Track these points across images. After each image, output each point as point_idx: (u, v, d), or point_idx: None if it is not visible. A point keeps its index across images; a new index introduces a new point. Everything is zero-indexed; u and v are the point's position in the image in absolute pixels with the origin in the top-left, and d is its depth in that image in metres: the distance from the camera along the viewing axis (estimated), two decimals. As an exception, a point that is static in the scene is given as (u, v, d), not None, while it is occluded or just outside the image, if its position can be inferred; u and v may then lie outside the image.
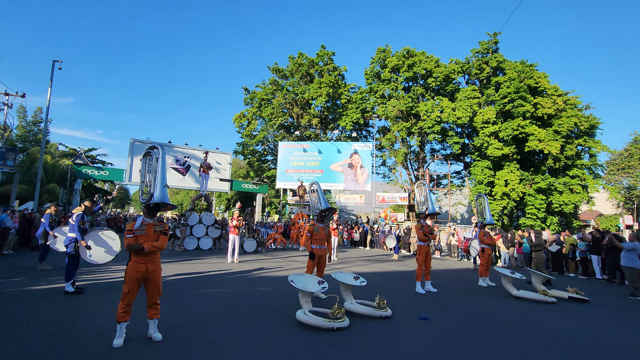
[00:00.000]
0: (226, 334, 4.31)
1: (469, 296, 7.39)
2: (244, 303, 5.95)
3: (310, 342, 4.17)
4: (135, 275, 3.89)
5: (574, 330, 5.10)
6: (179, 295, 6.31)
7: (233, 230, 11.20)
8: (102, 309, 5.13)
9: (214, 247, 15.24)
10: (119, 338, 3.79)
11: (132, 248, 3.89)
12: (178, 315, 5.05)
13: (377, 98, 29.00)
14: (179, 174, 26.17)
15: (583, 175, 24.54)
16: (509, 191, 23.42)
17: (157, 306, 4.07)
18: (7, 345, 3.70)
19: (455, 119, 24.80)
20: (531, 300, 7.05)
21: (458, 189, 30.71)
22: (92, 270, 8.44)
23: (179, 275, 8.34)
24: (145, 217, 4.12)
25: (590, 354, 4.14)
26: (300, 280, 5.40)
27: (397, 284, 8.47)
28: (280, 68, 32.41)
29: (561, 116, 24.20)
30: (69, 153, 31.96)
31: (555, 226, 23.62)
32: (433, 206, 8.06)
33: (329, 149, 28.65)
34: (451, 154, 28.61)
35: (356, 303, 5.61)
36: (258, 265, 10.66)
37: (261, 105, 31.81)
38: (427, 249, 7.61)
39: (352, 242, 20.77)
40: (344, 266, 11.34)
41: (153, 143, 26.60)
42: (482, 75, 26.49)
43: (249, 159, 34.45)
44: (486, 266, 8.77)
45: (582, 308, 6.66)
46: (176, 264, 10.21)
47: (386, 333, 4.65)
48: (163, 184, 4.07)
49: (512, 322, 5.42)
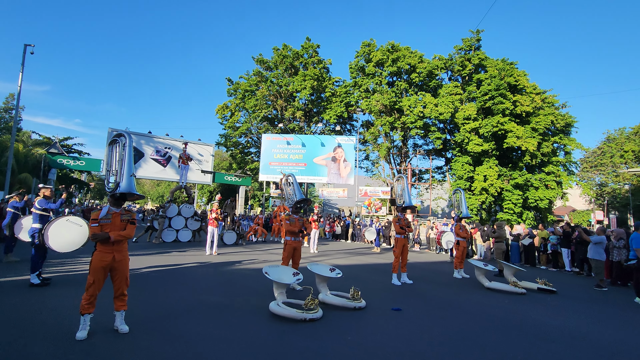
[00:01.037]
0: (196, 327, 4.25)
1: (443, 288, 7.55)
2: (218, 295, 5.89)
3: (281, 334, 4.17)
4: (100, 265, 3.78)
5: (540, 320, 5.28)
6: (151, 287, 6.20)
7: (212, 222, 11.07)
8: (69, 302, 4.98)
9: (194, 239, 15.03)
10: (82, 330, 3.68)
11: (97, 237, 3.77)
12: (148, 307, 4.96)
13: (362, 92, 29.05)
14: (160, 165, 25.56)
15: (558, 172, 25.35)
16: (488, 186, 23.99)
17: (124, 297, 3.97)
18: (-38, 338, 3.54)
19: (438, 115, 25.13)
20: (502, 291, 7.26)
21: (439, 184, 31.25)
22: (60, 262, 8.19)
23: (153, 267, 8.18)
24: (111, 206, 3.99)
25: (552, 342, 4.29)
26: (275, 272, 5.38)
27: (375, 276, 8.56)
28: (265, 59, 31.98)
29: (539, 114, 24.86)
30: (43, 142, 30.74)
31: (530, 221, 24.38)
32: (410, 199, 8.16)
33: (312, 142, 28.55)
34: (433, 149, 29.02)
35: (331, 294, 5.64)
36: (236, 258, 10.58)
37: (245, 97, 31.37)
38: (404, 242, 7.71)
39: (334, 235, 20.88)
40: (324, 258, 11.39)
41: (133, 133, 25.92)
42: (464, 72, 26.89)
43: (232, 151, 34.02)
44: (461, 259, 8.97)
45: (549, 299, 6.90)
46: (152, 256, 10.01)
47: (358, 324, 4.70)
48: (130, 173, 3.95)
49: (482, 313, 5.56)
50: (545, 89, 26.42)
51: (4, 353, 3.27)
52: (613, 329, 5.05)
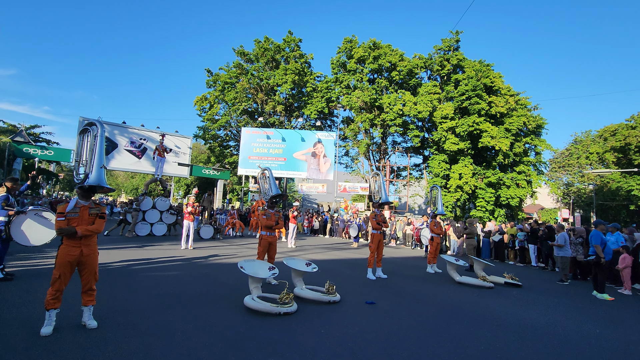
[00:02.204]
0: (168, 321, 4.20)
1: (416, 282, 7.76)
2: (192, 290, 5.82)
3: (255, 328, 4.18)
4: (67, 259, 3.66)
5: (505, 312, 5.53)
6: (122, 282, 6.05)
7: (187, 216, 10.89)
8: (33, 297, 4.80)
9: (169, 233, 14.73)
10: (47, 326, 3.56)
11: (63, 232, 3.64)
12: (119, 302, 4.85)
13: (343, 88, 29.12)
14: (134, 156, 24.76)
15: (528, 171, 26.38)
16: (463, 184, 24.69)
17: (92, 292, 3.87)
18: None
19: (417, 113, 25.56)
20: (471, 285, 7.54)
21: (417, 181, 31.87)
22: (25, 256, 7.86)
23: (126, 262, 7.98)
24: (80, 199, 3.86)
25: (515, 332, 4.51)
26: (250, 266, 5.37)
27: (350, 270, 8.69)
28: (246, 51, 31.47)
29: (512, 115, 25.72)
30: (8, 129, 29.19)
31: (502, 218, 25.31)
32: (386, 196, 8.30)
33: (292, 137, 28.44)
34: (411, 147, 29.53)
35: (306, 289, 5.69)
36: (212, 252, 10.46)
37: (224, 89, 30.81)
38: (379, 237, 7.85)
39: (312, 230, 20.96)
40: (301, 253, 11.44)
41: (105, 122, 24.94)
42: (443, 71, 27.42)
43: (210, 144, 33.41)
44: (434, 254, 9.23)
45: (515, 292, 7.23)
46: (125, 250, 9.76)
47: (333, 317, 4.77)
48: (100, 165, 3.83)
49: (452, 306, 5.77)
50: (518, 91, 27.37)
51: (-39, 350, 3.13)
52: (571, 319, 5.36)
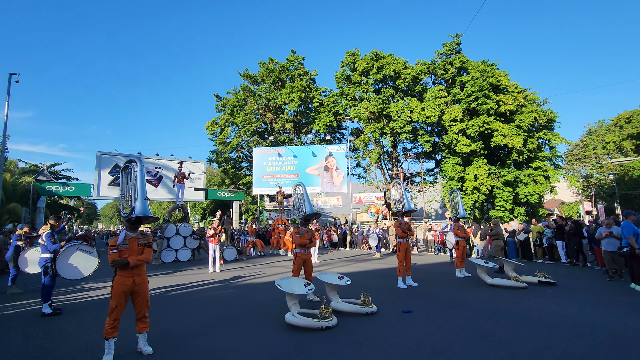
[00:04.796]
0: (216, 342, 4.34)
1: (448, 288, 7.73)
2: (231, 310, 5.96)
3: (300, 343, 4.28)
4: (122, 289, 3.86)
5: (545, 310, 5.49)
6: (165, 308, 6.23)
7: (212, 239, 11.10)
8: (85, 328, 5.00)
9: (193, 258, 14.97)
10: (108, 355, 3.74)
11: (117, 263, 3.86)
12: (166, 327, 5.01)
13: (349, 100, 29.50)
14: (151, 185, 25.48)
15: (545, 167, 26.00)
16: (479, 185, 24.46)
17: (146, 319, 4.04)
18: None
19: (425, 118, 25.66)
20: (505, 286, 7.48)
21: (431, 186, 31.68)
22: (68, 291, 8.14)
23: (161, 289, 8.19)
24: (128, 231, 4.09)
25: (560, 330, 4.49)
26: (287, 283, 5.49)
27: (380, 281, 8.71)
28: (251, 74, 32.29)
29: (522, 112, 25.57)
30: (31, 170, 30.30)
31: (522, 216, 24.88)
32: (409, 204, 8.37)
33: (304, 152, 28.79)
34: (423, 152, 29.50)
35: (342, 302, 5.76)
36: (240, 273, 10.61)
37: (233, 112, 31.54)
38: (406, 245, 7.89)
39: (332, 243, 20.96)
40: (327, 268, 11.49)
41: (122, 155, 25.74)
42: (447, 75, 27.58)
43: (224, 167, 33.99)
44: (461, 258, 9.19)
45: (550, 290, 7.14)
46: (156, 278, 9.98)
47: (373, 328, 4.83)
48: (143, 197, 4.06)
49: (490, 309, 5.75)
50: (525, 87, 27.26)
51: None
52: (614, 314, 5.29)
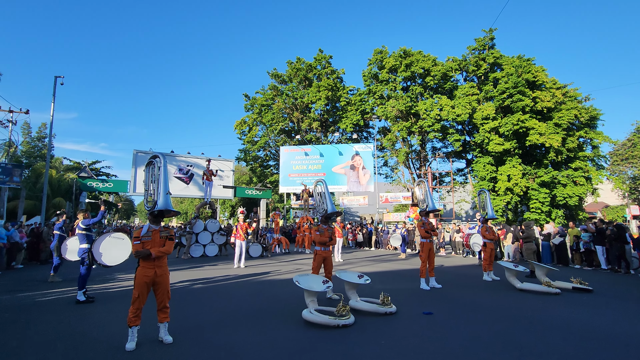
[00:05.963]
0: (235, 336, 4.42)
1: (474, 291, 7.45)
2: (252, 305, 6.06)
3: (316, 340, 4.27)
4: (144, 280, 4.02)
5: (576, 320, 5.16)
6: (188, 300, 6.44)
7: (239, 236, 11.33)
8: (113, 316, 5.26)
9: (220, 253, 15.37)
10: (131, 342, 3.92)
11: (140, 254, 4.02)
12: (188, 319, 5.17)
13: (376, 99, 29.16)
14: (183, 182, 26.37)
15: (586, 167, 24.48)
16: (512, 186, 23.41)
17: (166, 310, 4.19)
18: (24, 355, 3.83)
19: (455, 117, 24.89)
20: (535, 292, 7.10)
21: (461, 186, 30.71)
22: (102, 280, 8.60)
23: (187, 282, 8.47)
24: (151, 224, 4.26)
25: (590, 341, 4.20)
26: (305, 280, 5.50)
27: (402, 281, 8.54)
28: (279, 73, 32.68)
29: (561, 109, 24.20)
30: (74, 167, 32.31)
31: (560, 219, 23.56)
32: (433, 203, 8.15)
33: (330, 151, 28.78)
34: (452, 152, 28.64)
35: (361, 300, 5.71)
36: (264, 270, 10.77)
37: (261, 111, 32.07)
38: (429, 246, 7.69)
39: (357, 243, 20.82)
40: (349, 267, 11.42)
41: (155, 153, 26.87)
42: (479, 71, 26.60)
43: (252, 165, 34.66)
44: (489, 260, 8.83)
45: (585, 298, 6.70)
46: (184, 271, 10.34)
47: (391, 328, 4.75)
48: (166, 192, 4.20)
49: (516, 314, 5.48)
50: (565, 83, 25.78)
51: (62, 365, 3.52)
52: (656, 326, 4.88)
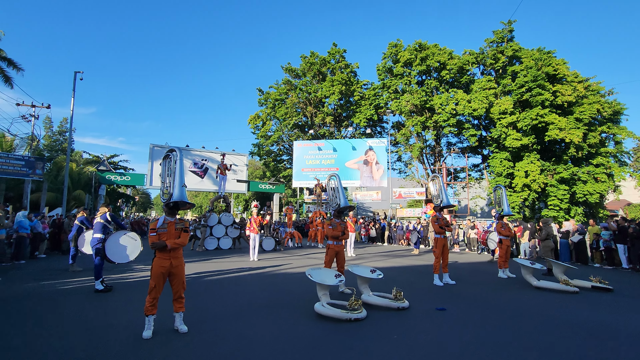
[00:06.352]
0: (247, 327, 4.48)
1: (488, 288, 7.34)
2: (264, 298, 6.13)
3: (328, 333, 4.29)
4: (160, 270, 4.11)
5: (596, 320, 5.02)
6: (202, 292, 6.56)
7: (253, 229, 11.46)
8: (131, 305, 5.40)
9: (234, 246, 15.58)
10: (147, 330, 4.02)
11: (156, 245, 4.11)
12: (202, 310, 5.27)
13: (391, 93, 28.81)
14: (197, 176, 26.76)
15: (608, 164, 23.67)
16: (530, 182, 22.87)
17: (182, 300, 4.28)
18: (45, 340, 3.98)
19: (471, 111, 24.39)
20: (552, 290, 6.95)
21: (477, 182, 30.19)
22: (120, 270, 8.84)
23: (201, 274, 8.62)
24: (167, 216, 4.34)
25: (609, 340, 4.09)
26: (318, 274, 5.53)
27: (415, 277, 8.48)
28: (293, 68, 32.64)
29: (582, 103, 23.42)
30: (93, 160, 33.17)
31: (580, 217, 22.92)
32: (448, 199, 8.04)
33: (343, 146, 28.69)
34: (468, 147, 28.12)
35: (373, 295, 5.70)
36: (276, 263, 10.87)
37: (275, 106, 32.15)
38: (443, 241, 7.61)
39: (370, 238, 20.77)
40: (362, 262, 11.41)
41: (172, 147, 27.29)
42: (497, 65, 25.94)
43: (265, 160, 34.86)
44: (505, 257, 8.68)
45: (605, 298, 6.52)
46: (198, 263, 10.53)
47: (403, 323, 4.72)
48: (181, 184, 4.27)
49: (532, 312, 5.38)
50: (588, 76, 24.89)
51: (82, 352, 3.63)
52: (680, 327, 4.71)
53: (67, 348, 3.69)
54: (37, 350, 3.63)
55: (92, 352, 3.58)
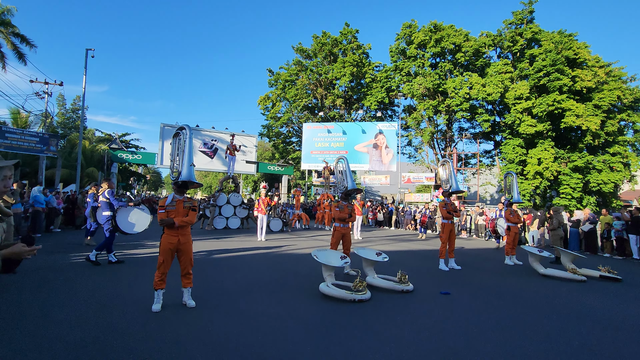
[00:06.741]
0: (253, 305, 4.58)
1: (494, 274, 7.34)
2: (270, 277, 6.24)
3: (332, 313, 4.37)
4: (168, 247, 4.19)
5: (602, 307, 5.00)
6: (210, 269, 6.71)
7: (261, 209, 11.57)
8: (141, 279, 5.56)
9: (242, 226, 15.79)
10: (156, 304, 4.15)
11: (164, 222, 4.18)
12: (209, 286, 5.40)
13: (403, 76, 28.21)
14: (207, 157, 26.94)
15: (625, 152, 23.06)
16: (542, 170, 22.46)
17: (189, 276, 4.38)
18: (59, 310, 4.13)
19: (485, 96, 23.80)
20: (559, 278, 6.92)
21: (488, 169, 29.78)
22: (132, 246, 9.06)
23: (210, 252, 8.79)
24: (176, 194, 4.39)
25: (615, 330, 4.08)
26: (324, 255, 5.58)
27: (421, 261, 8.52)
28: (304, 48, 32.08)
29: (602, 89, 22.62)
30: (105, 138, 33.58)
31: (592, 206, 22.54)
32: (457, 184, 7.96)
33: (353, 129, 28.42)
34: (480, 133, 27.62)
35: (378, 277, 5.75)
36: (283, 243, 11.00)
37: (285, 87, 31.83)
38: (450, 227, 7.58)
39: (377, 222, 20.83)
40: (368, 245, 11.47)
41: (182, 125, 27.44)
42: (515, 47, 25.06)
43: (274, 141, 34.84)
44: (512, 244, 8.63)
45: (613, 287, 6.46)
46: (207, 242, 10.72)
47: (407, 306, 4.77)
48: (190, 163, 4.29)
49: (537, 299, 5.37)
50: (609, 61, 23.92)
51: (94, 324, 3.77)
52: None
53: (80, 319, 3.84)
54: (52, 320, 3.78)
55: (103, 323, 3.71)
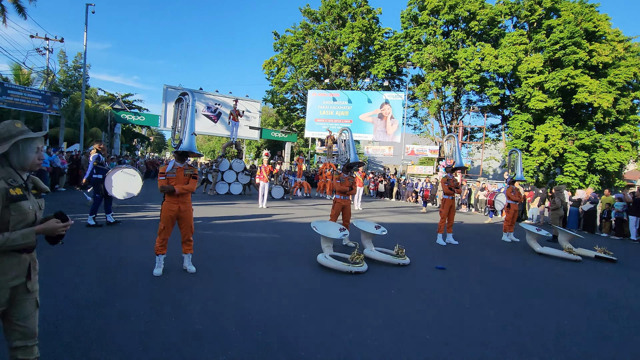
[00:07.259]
0: (252, 272, 4.70)
1: (491, 250, 7.46)
2: (269, 245, 6.36)
3: (328, 283, 4.48)
4: (168, 214, 4.23)
5: (593, 287, 5.11)
6: (210, 236, 6.83)
7: (263, 177, 11.59)
8: (144, 244, 5.68)
9: (244, 192, 15.91)
10: (158, 268, 4.26)
11: (164, 189, 4.19)
12: (209, 252, 5.52)
13: (413, 44, 27.19)
14: (210, 121, 26.66)
15: (635, 132, 22.61)
16: (549, 147, 22.17)
17: (190, 242, 4.46)
18: (62, 270, 4.25)
19: (497, 68, 23.01)
20: (555, 257, 7.02)
21: (493, 143, 29.42)
22: (135, 209, 9.19)
23: (211, 219, 8.92)
24: (176, 161, 4.37)
25: (604, 310, 4.18)
26: (323, 226, 5.65)
27: (419, 235, 8.63)
28: (312, 10, 30.76)
29: (619, 65, 21.79)
30: (108, 98, 33.14)
31: (595, 185, 22.46)
32: (461, 160, 7.90)
33: (359, 98, 27.85)
34: (489, 106, 27.02)
35: (375, 250, 5.85)
36: (284, 211, 11.13)
37: (291, 52, 30.87)
38: (451, 203, 7.60)
39: (378, 193, 20.93)
40: (368, 216, 11.59)
41: (185, 89, 27.01)
42: (532, 17, 23.89)
43: (278, 107, 34.33)
44: (511, 222, 8.69)
45: (608, 268, 6.57)
46: (209, 207, 10.85)
47: (402, 279, 4.89)
48: (191, 132, 4.24)
49: (532, 277, 5.48)
50: (630, 35, 22.86)
51: (97, 284, 3.90)
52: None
53: (82, 280, 3.95)
54: (58, 280, 3.90)
55: (106, 285, 3.84)
